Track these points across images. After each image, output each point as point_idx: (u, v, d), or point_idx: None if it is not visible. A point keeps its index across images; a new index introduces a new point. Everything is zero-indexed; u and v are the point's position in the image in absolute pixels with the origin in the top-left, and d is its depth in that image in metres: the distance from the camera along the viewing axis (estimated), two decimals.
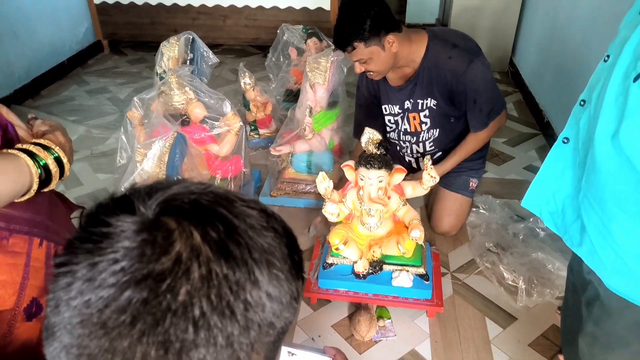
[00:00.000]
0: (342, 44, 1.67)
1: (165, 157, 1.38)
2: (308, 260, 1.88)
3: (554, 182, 1.04)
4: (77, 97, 3.28)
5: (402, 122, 1.95)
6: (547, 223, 1.09)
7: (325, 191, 1.61)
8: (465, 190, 2.00)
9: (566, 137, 1.01)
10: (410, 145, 2.01)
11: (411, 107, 1.88)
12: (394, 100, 1.91)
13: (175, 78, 1.87)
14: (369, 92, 1.99)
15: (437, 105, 1.84)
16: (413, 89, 1.83)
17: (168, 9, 3.78)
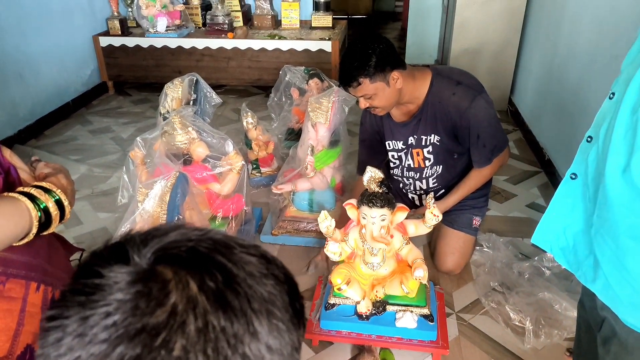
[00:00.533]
0: (348, 80, 1.69)
1: (167, 196, 1.37)
2: (309, 300, 1.84)
3: (564, 218, 1.03)
4: (80, 137, 3.30)
5: (405, 158, 1.96)
6: (559, 259, 1.07)
7: (327, 230, 1.59)
8: (469, 228, 1.98)
9: (574, 172, 1.01)
10: (413, 181, 2.01)
11: (415, 143, 1.89)
12: (398, 136, 1.92)
13: (178, 118, 1.89)
14: (373, 128, 1.99)
15: (441, 142, 1.84)
16: (417, 125, 1.84)
17: (173, 51, 3.86)
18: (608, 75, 2.11)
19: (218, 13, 3.93)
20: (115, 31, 3.92)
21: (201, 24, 4.17)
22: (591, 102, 2.26)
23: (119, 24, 3.91)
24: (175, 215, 1.40)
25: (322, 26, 4.10)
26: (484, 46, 3.48)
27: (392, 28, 6.68)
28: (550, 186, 2.64)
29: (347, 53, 1.71)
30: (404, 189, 2.09)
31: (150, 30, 3.84)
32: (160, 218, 1.37)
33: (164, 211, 1.37)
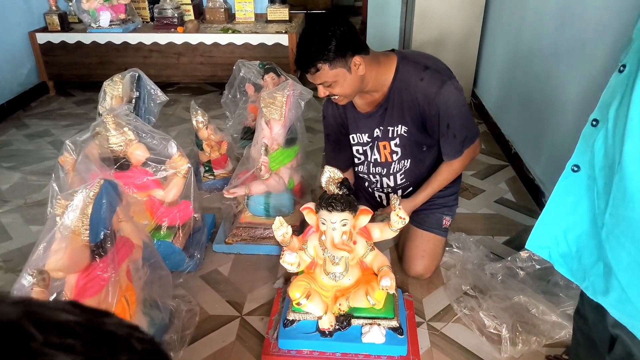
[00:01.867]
0: (305, 65, 1.51)
1: (89, 209, 1.17)
2: (267, 316, 1.67)
3: (564, 219, 0.88)
4: (15, 142, 3.01)
5: (371, 153, 1.80)
6: (560, 268, 0.92)
7: (283, 238, 1.42)
8: (439, 228, 1.85)
9: (576, 164, 0.86)
10: (380, 178, 1.85)
11: (381, 135, 1.74)
12: (363, 127, 1.76)
13: (111, 118, 1.67)
14: (336, 120, 1.83)
15: (409, 132, 1.70)
16: (383, 115, 1.69)
17: (118, 48, 3.60)
18: (576, 63, 2.01)
19: (167, 6, 3.69)
20: (54, 27, 3.63)
21: (149, 19, 3.92)
22: (559, 91, 2.17)
23: (58, 19, 3.62)
24: (100, 230, 1.19)
25: (278, 19, 3.93)
26: (445, 37, 3.37)
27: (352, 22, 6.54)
28: (518, 180, 2.54)
29: (305, 35, 1.53)
30: (369, 187, 1.93)
31: (93, 26, 3.58)
32: (82, 234, 1.17)
33: (86, 226, 1.17)
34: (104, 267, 1.23)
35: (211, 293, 1.79)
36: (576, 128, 1.99)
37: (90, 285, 1.21)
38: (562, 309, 1.55)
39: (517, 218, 2.22)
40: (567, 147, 2.06)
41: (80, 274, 1.22)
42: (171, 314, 1.60)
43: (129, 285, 1.39)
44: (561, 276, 1.66)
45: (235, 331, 1.62)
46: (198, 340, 1.59)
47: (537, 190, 2.31)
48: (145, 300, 1.54)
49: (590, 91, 1.88)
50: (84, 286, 1.21)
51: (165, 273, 1.57)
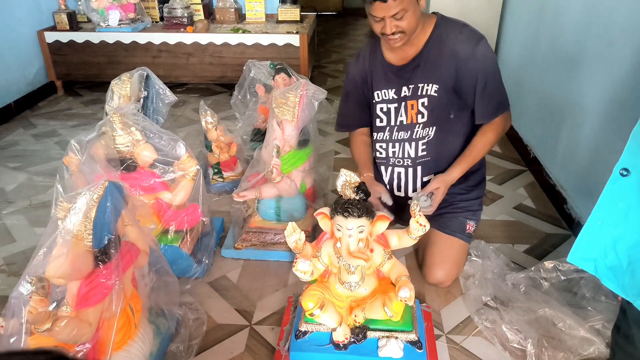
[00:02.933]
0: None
1: (92, 212, 1.10)
2: (278, 326, 1.59)
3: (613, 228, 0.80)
4: (22, 142, 2.97)
5: (397, 113, 1.75)
6: (608, 283, 0.84)
7: (296, 245, 1.34)
8: (462, 233, 1.76)
9: (625, 168, 0.78)
10: (402, 145, 1.77)
11: (410, 94, 1.71)
12: (392, 82, 1.73)
13: (118, 117, 1.61)
14: (362, 77, 1.79)
15: (439, 93, 1.67)
16: (415, 71, 1.68)
17: (126, 47, 3.55)
18: (601, 64, 1.93)
19: (176, 6, 3.64)
20: (63, 26, 3.59)
21: (158, 18, 3.87)
22: (581, 93, 2.08)
23: (67, 18, 3.58)
24: (104, 235, 1.12)
25: (289, 20, 3.86)
26: None
27: (362, 24, 6.48)
28: (537, 186, 2.45)
29: None
30: (389, 161, 1.82)
31: (102, 25, 3.53)
32: (85, 239, 1.10)
33: (89, 230, 1.10)
34: (107, 274, 1.16)
35: (219, 301, 1.71)
36: (601, 132, 1.90)
37: (93, 293, 1.14)
38: (591, 323, 1.46)
39: (538, 226, 2.13)
40: (591, 151, 1.97)
41: (82, 281, 1.15)
42: (178, 322, 1.53)
43: (134, 293, 1.32)
44: (589, 288, 1.58)
45: (245, 341, 1.55)
46: (205, 350, 1.52)
47: (559, 196, 2.22)
48: (151, 308, 1.48)
49: (617, 93, 1.79)
50: (87, 294, 1.14)
51: (172, 280, 1.50)
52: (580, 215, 2.05)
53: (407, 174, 1.82)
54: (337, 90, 3.88)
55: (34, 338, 1.10)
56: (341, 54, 5.03)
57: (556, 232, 2.09)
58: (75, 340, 1.11)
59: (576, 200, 2.11)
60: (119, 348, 1.27)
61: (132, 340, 1.31)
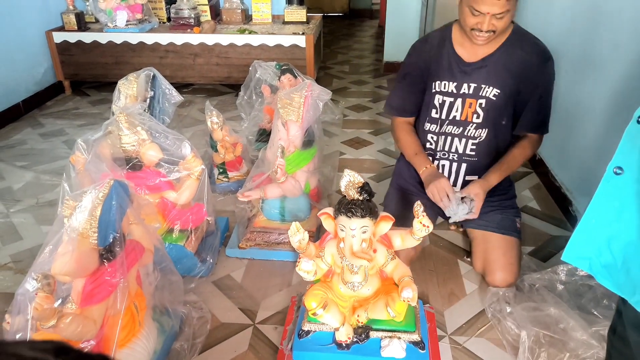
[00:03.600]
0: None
1: (98, 210, 1.11)
2: (281, 325, 1.60)
3: (607, 226, 0.80)
4: (30, 141, 2.99)
5: (452, 107, 1.75)
6: (603, 280, 0.84)
7: (300, 244, 1.35)
8: (516, 231, 1.78)
9: (619, 166, 0.78)
10: (451, 139, 1.79)
11: (471, 92, 1.71)
12: (455, 75, 1.72)
13: (124, 116, 1.62)
14: (424, 61, 1.76)
15: (498, 97, 1.69)
16: (480, 70, 1.68)
17: (134, 48, 3.58)
18: (605, 68, 1.92)
19: (183, 6, 3.66)
20: (71, 26, 3.62)
21: (166, 19, 3.89)
22: (587, 95, 2.07)
23: (75, 18, 3.60)
24: (109, 233, 1.14)
25: (295, 21, 3.87)
26: None
27: (369, 26, 6.49)
28: (542, 187, 2.45)
29: None
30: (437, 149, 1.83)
31: (109, 25, 3.55)
32: (91, 237, 1.11)
33: (94, 228, 1.11)
34: (112, 272, 1.17)
35: (223, 300, 1.72)
36: (607, 134, 1.90)
37: (97, 290, 1.15)
38: (596, 328, 1.45)
39: (543, 228, 2.13)
40: (597, 153, 1.97)
41: (87, 279, 1.16)
42: (182, 321, 1.54)
43: (138, 291, 1.33)
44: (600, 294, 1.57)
45: (248, 340, 1.55)
46: (209, 349, 1.52)
47: (564, 199, 2.21)
48: (155, 306, 1.49)
49: (623, 95, 1.79)
50: (91, 292, 1.15)
51: (176, 278, 1.51)
52: None
53: (450, 168, 1.84)
54: (343, 91, 3.89)
55: (39, 334, 1.11)
56: (347, 55, 5.03)
57: (562, 234, 2.09)
58: (79, 337, 1.12)
59: (582, 202, 2.10)
60: (123, 345, 1.28)
61: (137, 338, 1.32)
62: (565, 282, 1.63)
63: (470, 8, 1.53)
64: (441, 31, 1.76)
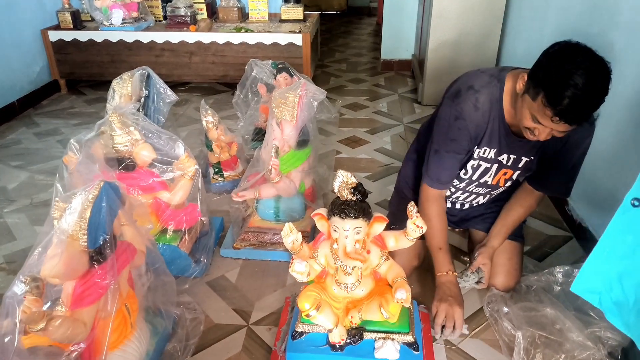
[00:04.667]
0: (585, 117, 1.24)
1: (87, 212, 1.10)
2: (275, 326, 1.59)
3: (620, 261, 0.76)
4: (24, 140, 2.98)
5: (484, 173, 1.61)
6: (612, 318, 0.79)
7: (293, 245, 1.34)
8: (520, 236, 1.77)
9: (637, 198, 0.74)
10: (472, 196, 1.73)
11: (509, 164, 1.57)
12: (499, 143, 1.52)
13: (117, 116, 1.61)
14: (476, 130, 1.50)
15: (532, 162, 1.56)
16: (525, 142, 1.49)
17: (130, 46, 3.56)
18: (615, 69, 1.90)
19: (179, 4, 3.64)
20: (67, 25, 3.60)
21: (162, 17, 3.88)
22: None
23: (71, 16, 3.58)
24: (99, 235, 1.12)
25: (292, 19, 3.86)
26: (463, 37, 3.28)
27: (367, 24, 6.47)
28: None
29: (594, 86, 1.18)
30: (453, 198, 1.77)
31: (105, 24, 3.54)
32: (80, 239, 1.10)
33: (84, 230, 1.10)
34: (103, 274, 1.16)
35: (217, 300, 1.71)
36: (605, 134, 1.88)
37: (88, 293, 1.14)
38: (592, 329, 1.44)
39: (539, 227, 2.12)
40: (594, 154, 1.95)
41: (77, 281, 1.15)
42: (175, 322, 1.54)
43: (130, 293, 1.32)
44: None
45: (242, 342, 1.55)
46: (202, 350, 1.52)
47: (560, 198, 2.21)
48: (148, 307, 1.48)
49: (621, 96, 1.77)
50: (82, 294, 1.14)
51: (169, 279, 1.50)
52: (582, 217, 2.03)
53: (462, 207, 1.82)
54: (339, 90, 3.88)
55: (28, 337, 1.10)
56: (345, 53, 5.02)
57: (557, 233, 2.08)
58: (69, 340, 1.11)
59: (578, 202, 2.09)
60: (115, 347, 1.27)
61: (129, 340, 1.31)
62: (562, 284, 1.62)
63: (532, 115, 1.28)
64: (490, 93, 1.46)
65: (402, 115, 3.37)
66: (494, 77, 1.47)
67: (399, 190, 1.94)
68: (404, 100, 3.67)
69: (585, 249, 1.98)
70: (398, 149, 2.86)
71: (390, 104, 3.59)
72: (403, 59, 4.33)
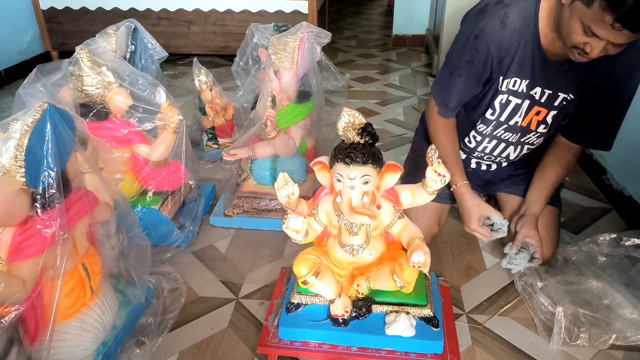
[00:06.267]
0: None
1: (25, 139, 0.87)
2: (268, 300, 1.36)
3: None
4: (8, 109, 2.78)
5: (515, 111, 1.36)
6: None
7: (288, 200, 1.10)
8: (558, 201, 1.53)
9: None
10: (503, 145, 1.46)
11: (543, 100, 1.32)
12: (531, 74, 1.28)
13: (86, 54, 1.39)
14: (499, 52, 1.26)
15: (569, 103, 1.32)
16: (564, 75, 1.27)
17: (124, 14, 3.35)
18: None
19: None
20: None
21: None
22: None
23: None
24: (43, 170, 0.89)
25: None
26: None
27: (377, 5, 6.23)
28: None
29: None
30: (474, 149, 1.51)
31: None
32: (17, 173, 0.88)
33: (21, 162, 0.87)
34: (48, 221, 0.93)
35: (203, 271, 1.49)
36: None
37: (28, 243, 0.92)
38: None
39: (574, 198, 1.87)
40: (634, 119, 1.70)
41: (16, 229, 0.93)
42: (149, 292, 1.31)
43: (91, 252, 1.10)
44: None
45: (229, 317, 1.32)
46: (182, 325, 1.29)
47: (596, 166, 1.95)
48: (119, 275, 1.26)
49: None
50: (20, 244, 0.91)
51: (144, 242, 1.27)
52: (624, 185, 1.78)
53: (489, 168, 1.57)
54: (348, 64, 3.64)
55: None
56: (354, 31, 4.78)
57: (593, 205, 1.83)
58: (2, 300, 0.89)
59: (617, 169, 1.84)
60: (71, 316, 1.05)
61: (88, 308, 1.08)
62: (607, 254, 1.37)
63: (585, 26, 1.06)
64: (522, 8, 1.22)
65: (416, 88, 3.13)
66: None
67: (415, 149, 1.69)
68: (418, 74, 3.42)
69: (628, 220, 1.73)
70: (411, 119, 2.62)
71: (403, 77, 3.35)
72: (416, 34, 4.08)
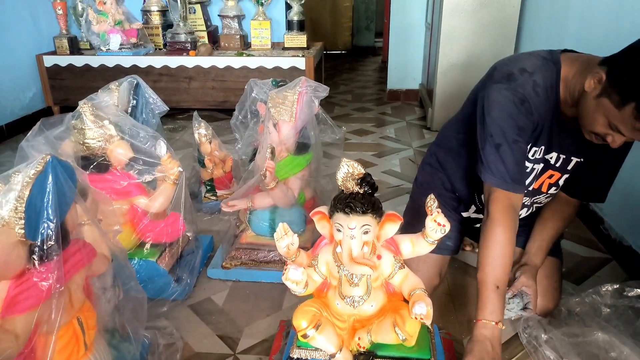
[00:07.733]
0: None
1: (26, 191, 0.88)
2: (266, 355, 1.32)
3: None
4: (8, 163, 2.79)
5: (529, 174, 1.32)
6: None
7: (288, 251, 1.09)
8: (559, 251, 1.52)
9: None
10: None
11: (558, 165, 1.31)
12: (552, 143, 1.27)
13: (89, 108, 1.42)
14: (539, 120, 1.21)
15: (580, 164, 1.32)
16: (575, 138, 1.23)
17: (127, 71, 3.43)
18: None
19: (180, 31, 3.55)
20: (63, 51, 3.50)
21: (162, 45, 3.77)
22: None
23: (68, 43, 3.49)
24: (42, 223, 0.89)
25: (295, 46, 3.74)
26: (474, 59, 3.13)
27: (371, 62, 6.42)
28: None
29: None
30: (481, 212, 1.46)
31: (102, 49, 3.43)
32: (17, 225, 0.88)
33: (21, 214, 0.87)
34: (45, 274, 0.92)
35: (200, 325, 1.45)
36: None
37: (23, 296, 0.90)
38: None
39: (573, 249, 1.86)
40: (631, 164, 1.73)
41: (12, 282, 0.91)
42: (144, 347, 1.27)
43: (86, 305, 1.07)
44: None
45: None
46: None
47: (594, 216, 1.96)
48: (114, 330, 1.22)
49: None
50: (15, 297, 0.89)
51: (140, 295, 1.25)
52: (622, 235, 1.78)
53: None
54: (344, 118, 3.72)
55: None
56: (350, 86, 4.91)
57: (593, 255, 1.82)
58: None
59: (614, 219, 1.84)
60: None
61: None
62: (611, 306, 1.35)
63: (611, 124, 1.06)
64: (544, 77, 1.19)
65: (411, 140, 3.18)
66: (547, 59, 1.21)
67: (415, 199, 1.69)
68: (413, 127, 3.48)
69: (628, 270, 1.71)
70: (408, 170, 2.64)
71: (398, 130, 3.41)
72: (410, 89, 4.19)
